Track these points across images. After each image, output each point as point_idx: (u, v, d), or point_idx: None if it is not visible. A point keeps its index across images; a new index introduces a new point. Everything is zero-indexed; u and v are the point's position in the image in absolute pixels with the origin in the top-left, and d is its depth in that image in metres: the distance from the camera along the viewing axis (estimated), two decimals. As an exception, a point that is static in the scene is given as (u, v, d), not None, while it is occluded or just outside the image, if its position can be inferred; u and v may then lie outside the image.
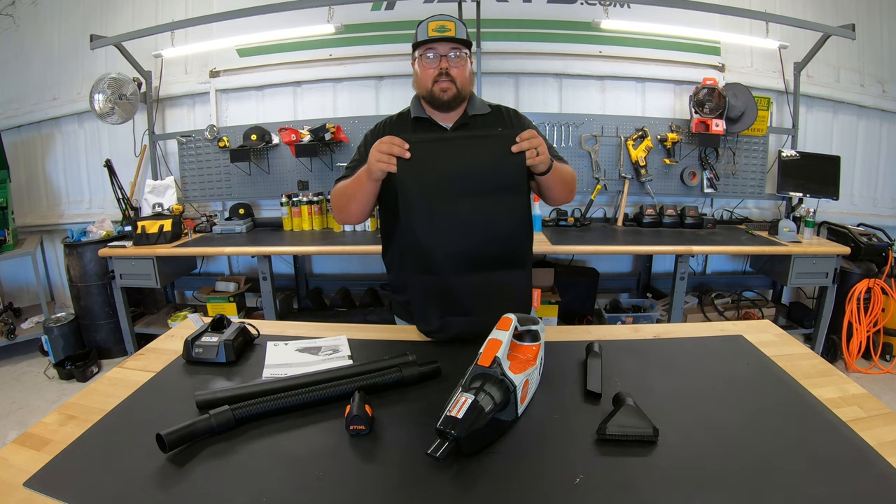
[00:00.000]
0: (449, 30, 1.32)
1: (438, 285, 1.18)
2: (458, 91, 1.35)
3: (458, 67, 1.34)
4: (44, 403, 2.75)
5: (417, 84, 1.41)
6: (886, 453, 0.73)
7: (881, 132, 3.49)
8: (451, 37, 1.31)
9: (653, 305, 3.19)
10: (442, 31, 1.32)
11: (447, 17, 1.36)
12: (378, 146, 1.14)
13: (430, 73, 1.35)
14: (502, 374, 0.83)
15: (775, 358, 1.10)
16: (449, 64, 1.34)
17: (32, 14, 3.53)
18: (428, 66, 1.36)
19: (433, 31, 1.32)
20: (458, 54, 1.34)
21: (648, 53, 3.26)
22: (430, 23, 1.34)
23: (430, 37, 1.32)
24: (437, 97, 1.35)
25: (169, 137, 3.51)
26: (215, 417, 0.83)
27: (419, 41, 1.36)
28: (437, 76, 1.34)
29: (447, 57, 1.34)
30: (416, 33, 1.38)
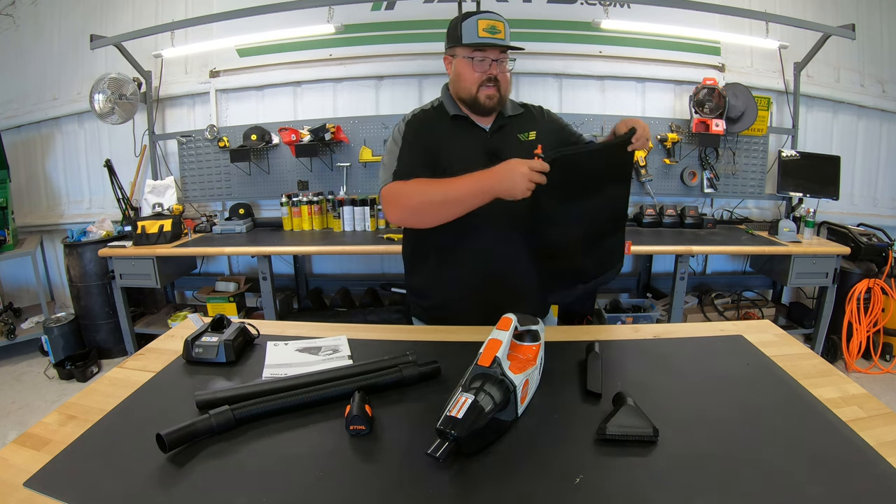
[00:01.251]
0: (500, 31, 1.25)
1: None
2: (501, 97, 1.30)
3: (505, 73, 1.29)
4: (44, 403, 2.75)
5: (459, 86, 1.31)
6: (886, 453, 0.73)
7: (881, 132, 3.49)
8: (503, 41, 1.25)
9: (653, 305, 3.19)
10: (493, 33, 1.24)
11: (497, 16, 1.26)
12: (530, 175, 1.07)
13: (476, 78, 1.27)
14: (502, 374, 0.83)
15: (775, 358, 1.10)
16: (498, 70, 1.28)
17: (32, 14, 3.53)
18: (476, 69, 1.27)
19: (484, 31, 1.24)
20: (506, 61, 1.28)
21: (648, 53, 3.26)
22: (480, 21, 1.25)
23: (482, 38, 1.24)
24: (482, 104, 1.29)
25: (169, 137, 3.51)
26: (215, 417, 0.83)
27: (468, 42, 1.26)
28: (485, 81, 1.27)
29: (496, 62, 1.27)
30: (462, 29, 1.27)
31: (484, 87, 1.27)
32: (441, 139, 1.32)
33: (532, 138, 1.36)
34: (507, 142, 1.33)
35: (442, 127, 1.34)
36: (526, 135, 1.36)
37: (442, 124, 1.34)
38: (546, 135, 1.37)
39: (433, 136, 1.31)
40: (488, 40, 1.24)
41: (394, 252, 2.94)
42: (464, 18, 1.28)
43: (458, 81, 1.31)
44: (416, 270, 1.46)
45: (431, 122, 1.34)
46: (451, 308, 1.38)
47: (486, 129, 1.35)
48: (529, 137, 1.36)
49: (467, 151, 1.31)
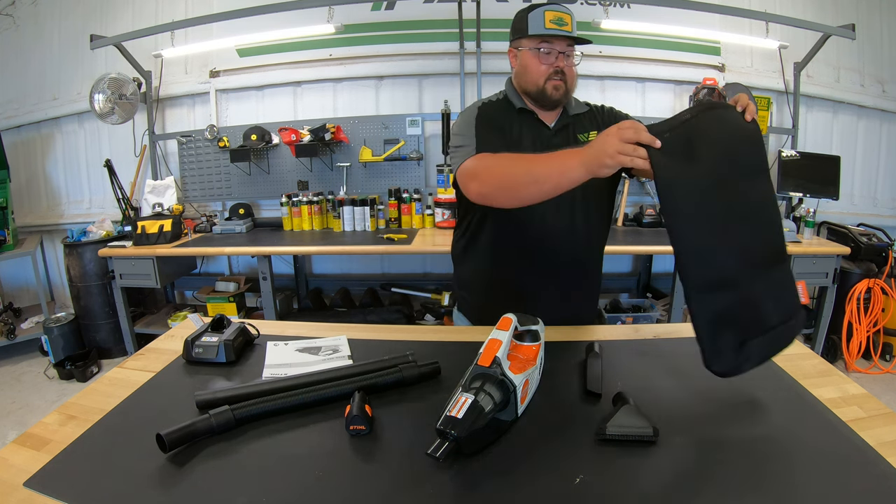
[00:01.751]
0: (567, 23, 1.22)
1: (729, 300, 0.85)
2: (567, 90, 1.27)
3: (572, 66, 1.27)
4: (44, 403, 2.75)
5: (526, 79, 1.28)
6: (886, 453, 0.73)
7: (881, 132, 3.49)
8: (570, 33, 1.22)
9: (653, 305, 3.19)
10: (560, 25, 1.21)
11: (564, 7, 1.24)
12: (620, 133, 0.87)
13: (543, 70, 1.25)
14: (502, 374, 0.83)
15: (775, 358, 1.10)
16: (565, 63, 1.25)
17: (32, 14, 3.53)
18: (543, 62, 1.25)
19: (551, 22, 1.21)
20: (576, 53, 1.26)
21: (648, 53, 3.26)
22: (546, 12, 1.22)
23: (549, 30, 1.21)
24: (549, 95, 1.26)
25: (169, 137, 3.51)
26: (215, 417, 0.83)
27: (534, 33, 1.24)
28: (552, 74, 1.24)
29: (563, 55, 1.24)
30: (528, 20, 1.24)
31: (552, 78, 1.24)
32: (509, 130, 1.30)
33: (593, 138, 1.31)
34: (569, 142, 1.30)
35: (510, 119, 1.31)
36: (587, 135, 1.32)
37: (510, 116, 1.31)
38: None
39: (501, 126, 1.29)
40: (555, 31, 1.21)
41: (394, 252, 2.94)
42: (530, 10, 1.25)
43: (523, 74, 1.28)
44: (465, 263, 1.43)
45: (501, 112, 1.31)
46: (499, 306, 1.35)
47: (550, 127, 1.32)
48: (590, 138, 1.32)
49: (533, 147, 1.27)
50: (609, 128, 0.91)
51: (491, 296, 1.38)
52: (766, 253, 0.92)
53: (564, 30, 1.21)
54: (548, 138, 1.30)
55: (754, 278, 0.87)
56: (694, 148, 0.86)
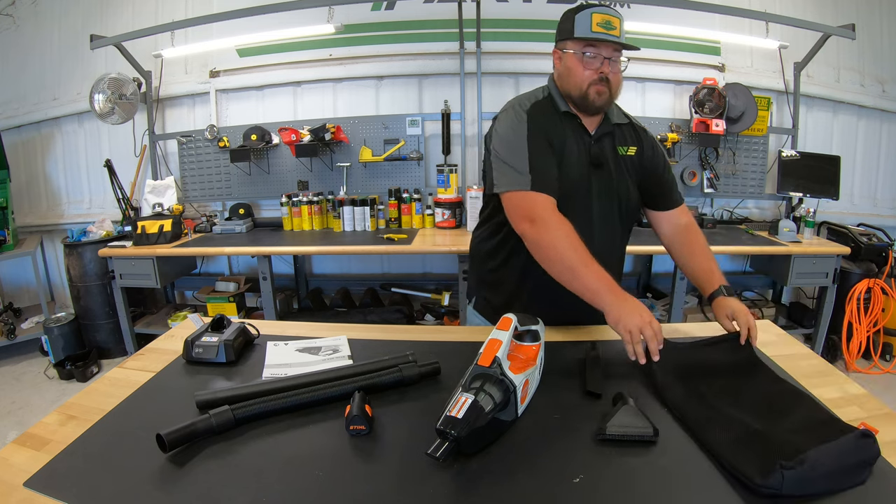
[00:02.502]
0: (615, 27, 1.16)
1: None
2: (611, 97, 1.23)
3: (617, 73, 1.22)
4: (44, 403, 2.75)
5: (569, 82, 1.23)
6: (886, 453, 0.73)
7: (881, 132, 3.49)
8: (617, 38, 1.17)
9: (653, 305, 3.19)
10: (608, 28, 1.16)
11: (613, 11, 1.18)
12: (649, 325, 0.99)
13: (587, 75, 1.20)
14: (502, 373, 0.83)
15: (775, 358, 1.10)
16: (610, 70, 1.20)
17: (32, 14, 3.53)
18: (587, 66, 1.20)
19: (598, 26, 1.16)
20: (622, 59, 1.21)
21: (648, 53, 3.26)
22: (594, 14, 1.17)
23: (595, 33, 1.16)
24: (592, 101, 1.21)
25: (169, 137, 3.51)
26: (215, 417, 0.83)
27: (580, 36, 1.19)
28: (596, 80, 1.20)
29: (609, 60, 1.19)
30: (575, 22, 1.19)
31: (595, 84, 1.20)
32: (556, 135, 1.25)
33: (632, 154, 1.30)
34: (608, 151, 1.28)
35: (555, 122, 1.27)
36: (626, 149, 1.30)
37: (555, 119, 1.27)
38: (645, 156, 1.31)
39: (547, 132, 1.24)
40: (602, 36, 1.16)
41: (394, 252, 2.94)
42: (578, 10, 1.20)
43: (567, 77, 1.23)
44: (491, 263, 1.38)
45: (547, 113, 1.26)
46: (526, 311, 1.31)
47: (592, 134, 1.28)
48: (629, 152, 1.30)
49: (575, 154, 1.25)
50: (645, 309, 1.02)
51: (520, 300, 1.32)
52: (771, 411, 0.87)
53: (612, 34, 1.16)
54: (589, 146, 1.27)
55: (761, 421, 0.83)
56: (688, 372, 0.98)
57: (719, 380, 0.96)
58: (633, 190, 1.31)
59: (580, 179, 1.24)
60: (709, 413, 0.85)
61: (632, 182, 1.30)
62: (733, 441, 0.76)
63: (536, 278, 1.22)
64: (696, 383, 0.95)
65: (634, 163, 1.30)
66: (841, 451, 0.69)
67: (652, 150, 1.33)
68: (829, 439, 0.71)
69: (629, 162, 1.30)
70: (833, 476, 0.68)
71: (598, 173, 1.26)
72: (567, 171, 1.23)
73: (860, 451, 0.70)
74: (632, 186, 1.30)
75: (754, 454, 0.72)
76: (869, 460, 0.71)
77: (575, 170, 1.24)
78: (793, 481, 0.65)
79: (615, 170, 1.28)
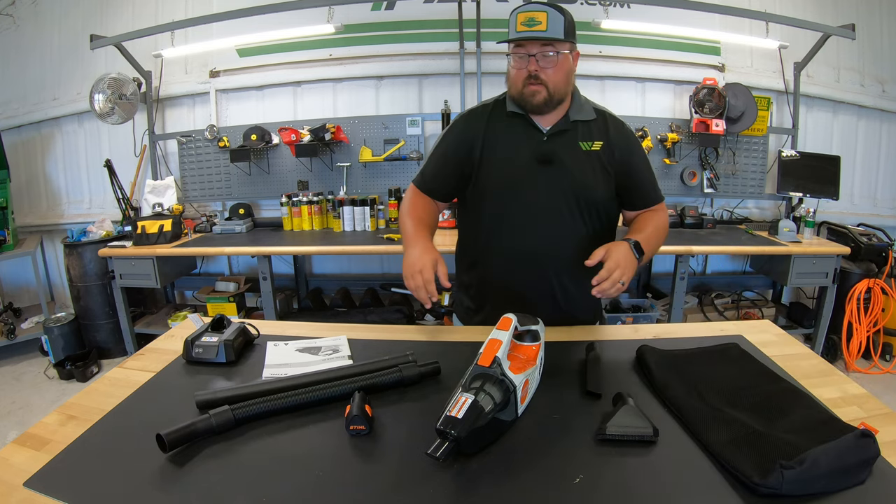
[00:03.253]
0: (540, 23, 1.14)
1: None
2: (550, 95, 1.19)
3: (551, 69, 1.17)
4: (44, 403, 2.75)
5: (509, 84, 1.26)
6: (886, 453, 0.73)
7: (881, 132, 3.49)
8: (543, 32, 1.14)
9: (653, 305, 3.19)
10: (531, 25, 1.14)
11: (539, 5, 1.16)
12: (420, 278, 1.13)
13: (519, 75, 1.20)
14: (502, 374, 0.83)
15: (775, 358, 1.10)
16: (538, 66, 1.17)
17: (32, 14, 3.53)
18: (517, 67, 1.20)
19: (522, 25, 1.15)
20: (551, 53, 1.16)
21: (648, 53, 3.26)
22: (518, 14, 1.16)
23: (519, 33, 1.15)
24: (528, 100, 1.20)
25: (169, 137, 3.51)
26: (215, 417, 0.83)
27: (510, 37, 1.19)
28: (527, 78, 1.18)
29: (536, 58, 1.17)
30: (508, 24, 1.20)
31: (527, 84, 1.19)
32: (486, 135, 1.28)
33: (596, 149, 1.26)
34: (564, 148, 1.26)
35: (494, 121, 1.29)
36: (590, 144, 1.27)
37: (496, 118, 1.29)
38: (615, 151, 1.27)
39: (476, 133, 1.29)
40: (525, 34, 1.15)
41: (394, 252, 2.94)
42: (513, 11, 1.19)
43: (508, 79, 1.25)
44: (460, 268, 1.45)
45: (484, 116, 1.30)
46: (488, 307, 1.36)
47: (544, 131, 1.26)
48: (593, 147, 1.26)
49: (515, 151, 1.26)
50: (422, 257, 1.16)
51: (485, 301, 1.37)
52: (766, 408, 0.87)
53: (536, 30, 1.14)
54: (538, 143, 1.26)
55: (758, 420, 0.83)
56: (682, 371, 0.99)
57: (719, 380, 0.96)
58: (600, 184, 1.27)
59: (524, 174, 1.26)
60: (709, 413, 0.85)
61: (599, 177, 1.27)
62: (733, 441, 0.76)
63: (496, 281, 1.32)
64: (695, 383, 0.95)
65: (602, 157, 1.27)
66: (840, 450, 0.69)
67: (625, 145, 1.29)
68: (828, 439, 0.71)
69: (595, 157, 1.27)
70: (833, 476, 0.68)
71: (547, 169, 1.25)
72: (506, 166, 1.26)
73: (860, 450, 0.70)
74: (598, 181, 1.27)
75: (754, 454, 0.72)
76: (869, 460, 0.71)
77: (518, 165, 1.26)
78: (792, 481, 0.66)
79: (573, 165, 1.25)
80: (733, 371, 1.00)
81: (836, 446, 0.69)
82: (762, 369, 1.01)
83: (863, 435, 0.71)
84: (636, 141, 1.33)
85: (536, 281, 1.30)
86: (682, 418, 0.85)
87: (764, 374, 0.99)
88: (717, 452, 0.75)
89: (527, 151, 1.26)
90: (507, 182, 1.27)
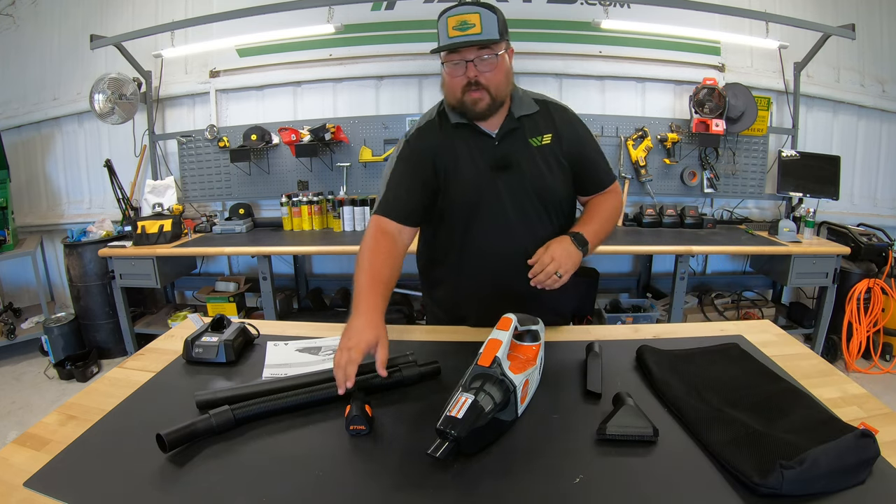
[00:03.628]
0: (473, 25, 1.06)
1: None
2: (493, 99, 1.14)
3: (490, 72, 1.12)
4: (44, 403, 2.75)
5: (446, 94, 1.19)
6: (886, 453, 0.73)
7: (881, 132, 3.48)
8: (478, 35, 1.07)
9: (653, 305, 3.19)
10: (464, 29, 1.06)
11: (470, 7, 1.08)
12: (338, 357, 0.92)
13: (457, 83, 1.13)
14: (502, 374, 0.83)
15: (775, 358, 1.10)
16: (478, 71, 1.11)
17: (32, 14, 3.52)
18: (454, 75, 1.13)
19: (454, 29, 1.07)
20: (489, 56, 1.10)
21: (648, 53, 3.26)
22: (449, 18, 1.08)
23: (452, 38, 1.08)
24: (470, 109, 1.14)
25: (169, 137, 3.51)
26: (215, 417, 0.83)
27: (440, 45, 1.11)
28: (466, 86, 1.12)
29: (474, 63, 1.10)
30: (437, 31, 1.12)
31: (467, 91, 1.12)
32: (441, 153, 1.22)
33: (547, 142, 1.21)
34: (517, 149, 1.21)
35: (444, 138, 1.22)
36: (539, 138, 1.21)
37: (444, 134, 1.22)
38: (564, 141, 1.22)
39: (430, 153, 1.22)
40: (458, 40, 1.07)
41: (394, 252, 2.93)
42: (440, 15, 1.11)
43: (444, 89, 1.18)
44: (428, 283, 1.44)
45: (432, 134, 1.23)
46: (463, 310, 1.35)
47: (493, 135, 1.21)
48: (543, 142, 1.21)
49: (472, 163, 1.21)
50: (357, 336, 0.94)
51: (459, 314, 1.36)
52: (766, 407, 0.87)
53: (471, 33, 1.06)
54: (491, 149, 1.21)
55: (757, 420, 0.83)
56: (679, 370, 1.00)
57: (719, 380, 0.96)
58: (558, 180, 1.24)
59: (485, 185, 1.20)
60: (709, 413, 0.85)
61: (556, 172, 1.23)
62: (733, 441, 0.76)
63: (472, 294, 1.29)
64: (695, 383, 0.95)
65: (554, 150, 1.22)
66: (840, 450, 0.69)
67: (573, 132, 1.25)
68: (828, 439, 0.71)
69: (548, 151, 1.22)
70: (833, 476, 0.68)
71: (507, 174, 1.20)
72: (466, 182, 1.21)
73: (860, 450, 0.70)
74: (555, 177, 1.23)
75: (754, 454, 0.72)
76: (868, 460, 0.71)
77: (477, 177, 1.20)
78: (792, 481, 0.66)
79: (529, 165, 1.21)
80: (733, 371, 1.00)
81: (836, 446, 0.70)
82: (762, 369, 1.01)
83: (863, 435, 0.71)
84: (582, 125, 1.28)
85: (513, 288, 1.24)
86: (682, 418, 0.85)
87: (764, 374, 0.99)
88: (717, 452, 0.75)
89: (482, 161, 1.21)
90: (470, 197, 1.22)
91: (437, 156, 1.22)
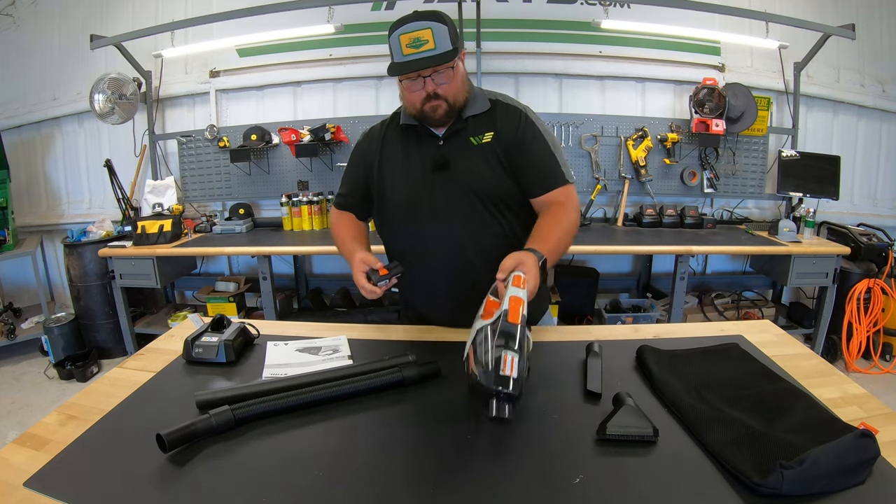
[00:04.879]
0: (426, 41, 1.07)
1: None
2: (451, 106, 1.17)
3: (448, 83, 1.14)
4: (44, 403, 2.75)
5: (405, 104, 1.22)
6: (886, 453, 0.73)
7: (881, 132, 3.48)
8: (432, 51, 1.07)
9: (653, 305, 3.19)
10: (418, 46, 1.07)
11: (421, 23, 1.07)
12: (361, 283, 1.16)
13: (416, 97, 1.15)
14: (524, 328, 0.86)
15: (775, 358, 1.10)
16: (435, 84, 1.13)
17: (32, 14, 3.53)
18: (412, 90, 1.14)
19: (407, 47, 1.08)
20: (444, 70, 1.12)
21: (648, 53, 3.26)
22: (401, 36, 1.08)
23: (406, 57, 1.08)
24: (431, 118, 1.18)
25: (169, 137, 3.51)
26: (215, 417, 0.83)
27: (395, 64, 1.11)
28: (425, 99, 1.15)
29: (432, 78, 1.12)
30: (390, 47, 1.11)
31: (426, 102, 1.15)
32: (382, 155, 1.28)
33: (487, 140, 1.22)
34: (457, 148, 1.22)
35: (388, 139, 1.28)
36: (480, 137, 1.22)
37: (390, 136, 1.28)
38: (502, 138, 1.22)
39: (373, 154, 1.30)
40: (412, 58, 1.08)
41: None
42: (392, 31, 1.10)
43: (403, 100, 1.22)
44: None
45: (377, 136, 1.31)
46: (420, 308, 1.37)
47: (440, 136, 1.23)
48: (483, 140, 1.22)
49: (411, 164, 1.25)
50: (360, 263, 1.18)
51: (421, 314, 1.37)
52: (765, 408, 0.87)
53: (425, 50, 1.07)
54: (432, 150, 1.23)
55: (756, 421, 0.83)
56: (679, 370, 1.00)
57: (719, 380, 0.96)
58: (495, 175, 1.22)
59: (423, 186, 1.23)
60: (708, 413, 0.85)
61: (496, 170, 1.22)
62: (733, 441, 0.76)
63: (426, 295, 1.33)
64: (695, 383, 0.95)
65: (495, 148, 1.21)
66: (840, 450, 0.69)
67: (512, 129, 1.22)
68: (828, 439, 0.71)
69: (487, 149, 1.22)
70: (833, 476, 0.68)
71: (445, 174, 1.22)
72: (403, 182, 1.26)
73: (860, 450, 0.70)
74: (495, 174, 1.22)
75: (754, 454, 0.72)
76: (868, 460, 0.71)
77: (415, 178, 1.24)
78: (792, 481, 0.66)
79: (466, 163, 1.22)
80: (733, 371, 1.00)
81: (836, 446, 0.70)
82: (762, 369, 1.01)
83: (863, 435, 0.71)
84: (527, 122, 1.23)
85: (463, 285, 1.23)
86: (682, 418, 0.86)
87: (764, 374, 0.99)
88: (716, 452, 0.75)
89: (422, 162, 1.24)
90: (407, 198, 1.25)
91: (378, 157, 1.29)
